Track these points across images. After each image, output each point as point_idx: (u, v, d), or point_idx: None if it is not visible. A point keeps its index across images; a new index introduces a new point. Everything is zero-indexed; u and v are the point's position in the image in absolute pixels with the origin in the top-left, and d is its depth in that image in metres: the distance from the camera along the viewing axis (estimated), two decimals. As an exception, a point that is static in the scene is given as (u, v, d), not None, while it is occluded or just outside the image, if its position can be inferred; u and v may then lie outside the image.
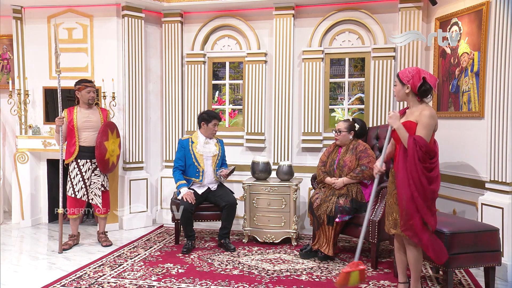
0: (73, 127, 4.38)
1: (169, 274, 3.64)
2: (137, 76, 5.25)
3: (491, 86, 3.73)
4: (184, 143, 4.49)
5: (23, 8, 5.27)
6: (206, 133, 4.49)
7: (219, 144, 4.59)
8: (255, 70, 5.27)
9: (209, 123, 4.46)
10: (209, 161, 4.47)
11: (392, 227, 3.05)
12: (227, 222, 4.40)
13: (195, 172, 4.42)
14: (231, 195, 4.45)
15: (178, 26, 5.43)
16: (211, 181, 4.49)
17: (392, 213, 3.05)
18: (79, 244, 4.55)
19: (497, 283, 3.39)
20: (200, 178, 4.42)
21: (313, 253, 4.03)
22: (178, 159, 4.46)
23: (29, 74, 5.27)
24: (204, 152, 4.45)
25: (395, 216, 3.02)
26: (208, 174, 4.45)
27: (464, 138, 4.16)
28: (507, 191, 3.59)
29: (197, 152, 4.43)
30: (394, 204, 3.03)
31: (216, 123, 4.49)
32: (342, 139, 4.15)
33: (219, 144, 4.59)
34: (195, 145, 4.46)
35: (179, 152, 4.48)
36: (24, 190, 5.23)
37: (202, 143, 4.47)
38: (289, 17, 5.09)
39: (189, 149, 4.45)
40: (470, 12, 4.07)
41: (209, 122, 4.45)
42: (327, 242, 3.93)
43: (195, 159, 4.41)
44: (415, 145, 2.82)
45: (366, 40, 5.02)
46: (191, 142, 4.48)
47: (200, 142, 4.47)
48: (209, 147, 4.48)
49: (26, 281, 3.52)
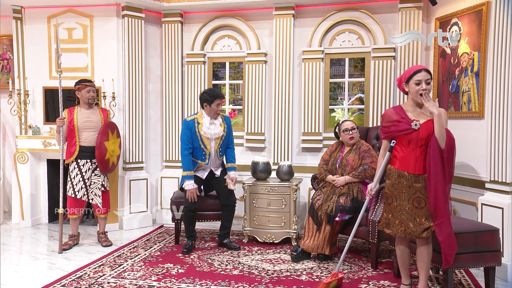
0: (73, 127, 4.38)
1: (169, 274, 3.64)
2: (137, 76, 5.25)
3: (491, 86, 3.73)
4: (190, 124, 4.22)
5: (23, 8, 5.28)
6: (210, 113, 4.23)
7: (224, 123, 4.33)
8: (255, 70, 5.27)
9: (212, 104, 4.19)
10: (213, 142, 4.26)
11: (420, 234, 2.88)
12: (227, 222, 4.40)
13: (201, 155, 4.24)
14: (232, 195, 4.42)
15: (178, 26, 5.43)
16: (214, 163, 4.35)
17: (414, 219, 2.90)
18: (79, 244, 4.55)
19: (497, 283, 3.39)
20: (207, 161, 4.27)
21: (305, 255, 4.00)
22: (186, 141, 4.18)
23: (29, 74, 5.27)
24: (210, 134, 4.22)
25: (418, 220, 2.89)
26: (212, 156, 4.30)
27: (464, 138, 4.16)
28: (507, 191, 3.59)
29: (203, 134, 4.19)
30: (414, 208, 2.90)
31: (219, 102, 4.22)
32: (356, 135, 4.16)
33: (225, 123, 4.33)
34: (201, 126, 4.20)
35: (185, 133, 4.20)
36: (24, 190, 5.23)
37: (208, 124, 4.21)
38: (289, 17, 5.09)
39: (195, 130, 4.20)
40: (470, 12, 4.07)
41: (212, 103, 4.19)
42: (325, 242, 3.92)
43: (201, 142, 4.20)
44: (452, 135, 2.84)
45: (366, 40, 5.02)
46: (197, 123, 4.22)
47: (205, 123, 4.21)
48: (214, 129, 4.22)
49: (26, 281, 3.52)
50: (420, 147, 2.88)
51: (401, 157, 2.95)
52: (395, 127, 2.94)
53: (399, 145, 2.97)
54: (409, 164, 2.91)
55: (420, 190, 2.90)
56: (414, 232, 2.91)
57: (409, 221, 2.92)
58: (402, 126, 2.90)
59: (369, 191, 3.28)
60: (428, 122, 2.87)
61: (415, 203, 2.91)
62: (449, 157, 2.83)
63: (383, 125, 3.04)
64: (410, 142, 2.90)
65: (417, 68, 2.92)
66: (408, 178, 2.91)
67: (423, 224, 2.89)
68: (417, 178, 2.90)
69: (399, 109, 2.98)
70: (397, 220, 2.97)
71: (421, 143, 2.88)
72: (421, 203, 2.90)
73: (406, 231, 2.93)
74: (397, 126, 2.92)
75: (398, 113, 2.96)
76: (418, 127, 2.87)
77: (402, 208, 2.95)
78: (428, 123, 2.87)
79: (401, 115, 2.93)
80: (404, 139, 2.93)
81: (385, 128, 3.02)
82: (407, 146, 2.92)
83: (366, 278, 3.57)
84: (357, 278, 3.56)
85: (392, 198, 3.00)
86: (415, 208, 2.91)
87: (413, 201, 2.91)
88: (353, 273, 3.67)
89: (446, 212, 2.83)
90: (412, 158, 2.90)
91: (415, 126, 2.87)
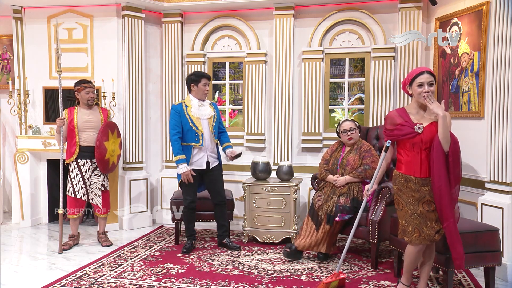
0: (73, 127, 4.38)
1: (169, 274, 3.64)
2: (137, 76, 5.25)
3: (491, 86, 3.73)
4: (178, 108, 4.24)
5: (23, 8, 5.28)
6: (198, 95, 4.29)
7: (213, 106, 4.40)
8: (255, 70, 5.27)
9: (199, 84, 4.26)
10: (205, 123, 4.28)
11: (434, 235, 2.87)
12: (222, 219, 4.37)
13: (194, 136, 4.22)
14: (222, 192, 4.37)
15: (178, 26, 5.43)
16: (210, 146, 4.31)
17: (425, 222, 2.87)
18: (79, 244, 4.55)
19: (497, 283, 3.39)
20: (201, 142, 4.23)
21: (298, 253, 3.99)
22: (175, 126, 4.20)
23: (29, 74, 5.27)
24: (201, 114, 4.25)
25: (429, 224, 2.86)
26: (207, 137, 4.27)
27: (464, 138, 4.15)
28: (507, 191, 3.59)
29: (193, 115, 4.22)
30: (426, 211, 2.86)
31: (206, 82, 4.29)
32: (356, 136, 4.16)
33: (213, 106, 4.40)
34: (190, 108, 4.23)
35: (173, 118, 4.22)
36: (24, 190, 5.23)
37: (197, 106, 4.26)
38: (289, 17, 5.09)
39: (184, 113, 4.23)
40: (470, 12, 4.07)
41: (199, 83, 4.26)
42: (321, 240, 3.91)
43: (192, 123, 4.20)
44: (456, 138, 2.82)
45: (366, 40, 5.03)
46: (185, 106, 4.25)
47: (194, 105, 4.26)
48: (205, 109, 4.28)
49: (26, 281, 3.52)
50: (424, 150, 2.86)
51: (406, 161, 2.92)
52: (399, 131, 2.91)
53: (403, 149, 2.93)
54: (415, 168, 2.88)
55: (428, 193, 2.86)
56: (429, 236, 2.87)
57: (422, 226, 2.87)
58: (406, 130, 2.87)
59: (366, 192, 3.27)
60: (431, 125, 2.84)
61: (425, 206, 2.87)
62: (454, 160, 2.80)
63: (386, 128, 3.01)
64: (414, 146, 2.87)
65: (420, 70, 2.90)
66: (415, 182, 2.88)
67: (434, 227, 2.87)
68: (424, 181, 2.86)
69: (402, 112, 2.95)
70: (410, 226, 2.91)
71: (425, 146, 2.85)
72: (431, 206, 2.87)
73: (420, 236, 2.88)
74: (401, 130, 2.89)
75: (401, 116, 2.92)
76: (421, 130, 2.83)
77: (414, 212, 2.89)
78: (431, 126, 2.84)
79: (404, 118, 2.90)
80: (408, 143, 2.89)
81: (388, 131, 2.98)
82: (411, 150, 2.89)
83: (366, 278, 3.57)
84: (357, 278, 3.56)
85: (402, 203, 2.95)
86: (427, 212, 2.87)
87: (423, 205, 2.87)
88: (353, 273, 3.67)
89: (451, 214, 2.80)
90: (417, 161, 2.87)
91: (419, 129, 2.83)
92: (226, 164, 5.31)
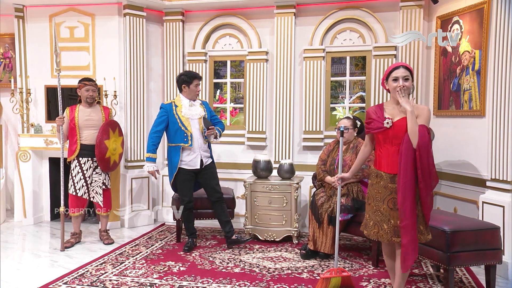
0: (74, 125, 4.39)
1: (171, 272, 3.66)
2: (138, 75, 5.26)
3: (492, 84, 3.73)
4: (167, 107, 4.24)
5: (25, 7, 5.28)
6: (189, 96, 4.27)
7: (203, 105, 4.37)
8: (256, 69, 5.28)
9: (190, 85, 4.24)
10: (195, 123, 4.25)
11: (393, 236, 2.79)
12: (223, 216, 4.35)
13: (183, 137, 4.20)
14: (218, 188, 4.35)
15: (179, 24, 5.44)
16: (202, 146, 4.29)
17: (388, 220, 2.80)
18: (81, 242, 4.57)
19: (498, 281, 3.39)
20: (190, 142, 4.21)
21: (314, 253, 4.03)
22: (158, 123, 4.23)
23: (31, 72, 5.28)
24: (191, 115, 4.23)
25: (393, 222, 2.78)
26: (197, 137, 4.24)
27: (465, 136, 4.16)
28: (508, 189, 3.59)
29: (183, 116, 4.20)
30: (389, 209, 2.79)
31: (198, 83, 4.28)
32: (349, 136, 4.15)
33: (204, 106, 4.37)
34: (180, 108, 4.22)
35: (160, 117, 4.23)
36: (26, 188, 5.25)
37: (187, 106, 4.24)
38: (290, 15, 5.10)
39: (173, 113, 4.21)
40: (471, 11, 4.07)
41: (191, 84, 4.24)
42: (326, 241, 3.93)
43: (181, 123, 4.18)
44: (427, 131, 2.70)
45: (367, 38, 5.03)
46: (174, 106, 4.24)
47: (185, 105, 4.24)
48: (195, 109, 4.26)
49: (28, 279, 3.54)
50: (395, 145, 2.79)
51: (378, 156, 2.89)
52: (370, 125, 2.90)
53: (378, 144, 2.91)
54: (384, 163, 2.84)
55: (395, 191, 2.77)
56: (386, 235, 2.81)
57: (383, 223, 2.82)
58: (376, 125, 2.84)
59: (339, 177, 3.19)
60: (403, 120, 2.76)
61: (390, 204, 2.80)
62: (421, 156, 2.68)
63: (365, 122, 3.01)
64: (386, 141, 2.83)
65: (396, 65, 2.87)
66: (385, 178, 2.83)
67: (397, 226, 2.76)
68: (393, 179, 2.78)
69: (378, 107, 2.93)
70: (372, 221, 2.89)
71: (396, 142, 2.77)
72: (396, 204, 2.76)
73: (378, 233, 2.84)
74: (372, 124, 2.88)
75: (376, 111, 2.90)
76: (390, 125, 2.78)
77: (378, 209, 2.85)
78: (403, 121, 2.76)
79: (377, 114, 2.87)
80: (380, 138, 2.87)
81: (366, 125, 2.98)
82: (383, 144, 2.86)
83: (367, 276, 3.58)
84: (358, 276, 3.57)
85: (371, 198, 2.92)
86: (390, 210, 2.79)
87: (388, 202, 2.80)
88: (354, 271, 3.68)
89: (412, 215, 2.68)
90: (387, 156, 2.83)
91: (387, 124, 2.79)
92: (227, 163, 5.33)
